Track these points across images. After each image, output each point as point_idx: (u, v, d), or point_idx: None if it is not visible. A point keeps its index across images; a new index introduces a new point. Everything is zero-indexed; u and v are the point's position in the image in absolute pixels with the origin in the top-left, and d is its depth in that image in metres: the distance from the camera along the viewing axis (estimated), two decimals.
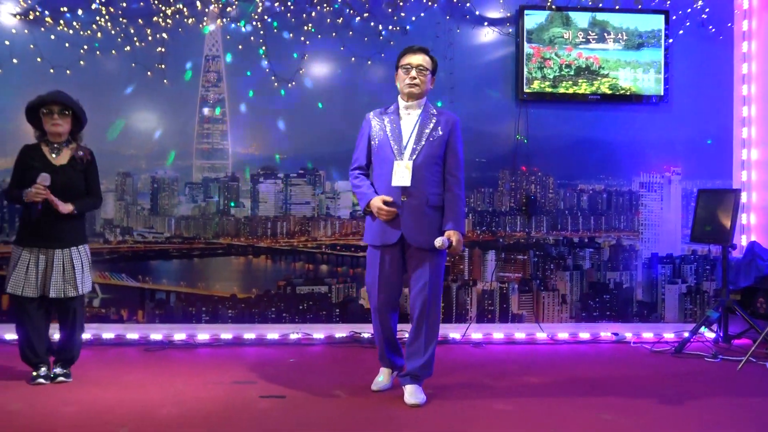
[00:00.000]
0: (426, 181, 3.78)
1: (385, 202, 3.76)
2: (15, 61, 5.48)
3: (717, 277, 5.85)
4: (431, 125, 3.84)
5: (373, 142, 3.90)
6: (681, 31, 5.89)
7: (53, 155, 4.18)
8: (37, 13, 5.49)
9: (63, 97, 4.15)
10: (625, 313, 5.90)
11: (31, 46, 5.49)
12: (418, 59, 3.85)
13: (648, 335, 5.68)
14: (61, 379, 4.17)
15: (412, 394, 3.80)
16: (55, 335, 4.35)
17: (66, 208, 4.05)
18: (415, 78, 3.82)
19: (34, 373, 4.16)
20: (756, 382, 4.36)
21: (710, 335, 5.49)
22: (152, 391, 4.03)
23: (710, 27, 5.90)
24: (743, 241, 5.88)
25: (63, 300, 4.14)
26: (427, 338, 3.85)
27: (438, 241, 3.69)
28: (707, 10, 5.87)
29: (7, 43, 5.47)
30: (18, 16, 5.50)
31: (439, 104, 5.58)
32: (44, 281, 4.08)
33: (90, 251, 4.35)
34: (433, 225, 3.80)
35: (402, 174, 3.75)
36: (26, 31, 5.51)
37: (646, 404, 3.84)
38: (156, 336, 5.42)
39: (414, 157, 3.78)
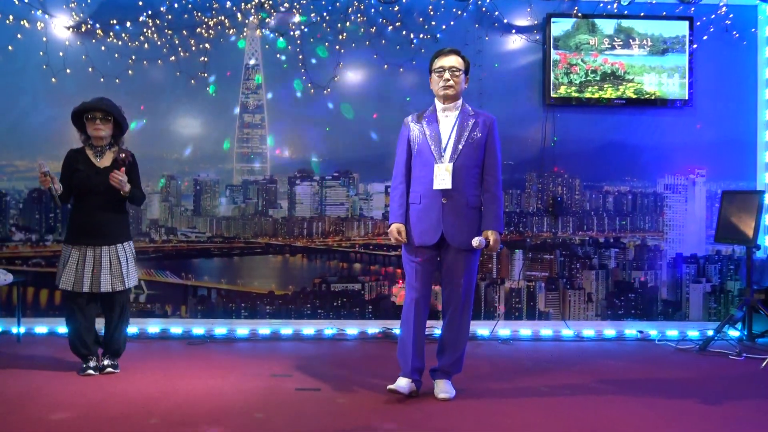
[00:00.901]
0: (465, 182, 3.72)
1: (399, 232, 3.75)
2: (68, 71, 5.58)
3: (741, 276, 5.72)
4: (470, 127, 3.77)
5: (413, 146, 3.82)
6: (705, 37, 5.77)
7: (97, 158, 4.25)
8: (89, 26, 5.58)
9: (105, 104, 4.22)
10: (650, 312, 5.80)
11: (83, 56, 5.58)
12: (451, 61, 3.78)
13: (673, 333, 5.58)
14: (109, 370, 4.25)
15: (442, 388, 3.78)
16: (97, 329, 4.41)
17: (125, 186, 4.11)
18: (449, 80, 3.75)
19: (84, 365, 4.24)
20: None
21: (734, 334, 5.37)
22: (194, 383, 4.06)
23: (734, 32, 5.78)
24: (767, 242, 5.73)
25: (111, 294, 4.21)
26: (460, 335, 3.82)
27: (475, 241, 3.64)
28: (731, 16, 5.75)
29: (61, 54, 5.56)
30: (71, 29, 5.60)
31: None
32: (92, 277, 4.14)
33: (135, 248, 4.41)
34: (473, 225, 3.75)
35: (443, 177, 3.69)
36: (78, 42, 5.60)
37: (671, 401, 3.76)
38: (198, 330, 5.47)
39: (454, 159, 3.71)
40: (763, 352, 4.81)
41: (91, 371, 4.20)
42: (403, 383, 3.75)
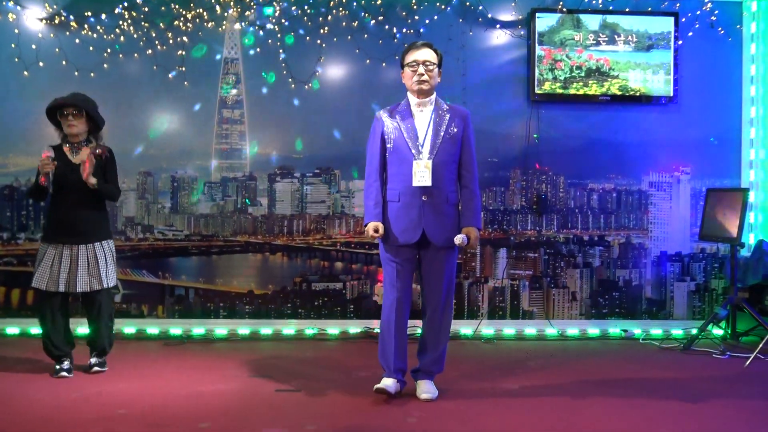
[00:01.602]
0: (445, 179, 3.71)
1: (376, 230, 3.71)
2: (41, 64, 5.52)
3: (725, 274, 5.79)
4: (446, 122, 3.75)
5: (387, 142, 3.78)
6: (690, 33, 5.83)
7: (73, 154, 4.23)
8: (62, 18, 5.53)
9: (77, 99, 4.20)
10: (634, 311, 5.86)
11: (57, 49, 5.53)
12: (424, 54, 3.74)
13: (657, 332, 5.64)
14: (96, 369, 4.25)
15: (425, 389, 3.78)
16: (77, 328, 4.38)
17: (91, 179, 4.08)
18: (423, 74, 3.71)
19: (57, 366, 4.21)
20: (764, 378, 4.31)
21: (718, 332, 5.44)
22: (171, 384, 4.05)
23: (719, 29, 5.84)
24: (751, 240, 5.81)
25: (89, 294, 4.20)
26: (441, 334, 3.82)
27: (458, 239, 3.65)
28: (716, 12, 5.81)
29: (33, 47, 5.51)
30: (44, 21, 5.54)
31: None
32: (69, 277, 4.13)
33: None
34: (453, 222, 3.75)
35: (422, 173, 3.67)
36: (52, 35, 5.55)
37: (655, 400, 3.81)
38: (175, 331, 5.45)
39: (433, 155, 3.70)
40: (747, 351, 4.88)
41: (64, 373, 4.16)
42: (389, 382, 3.75)
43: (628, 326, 5.73)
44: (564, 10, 5.70)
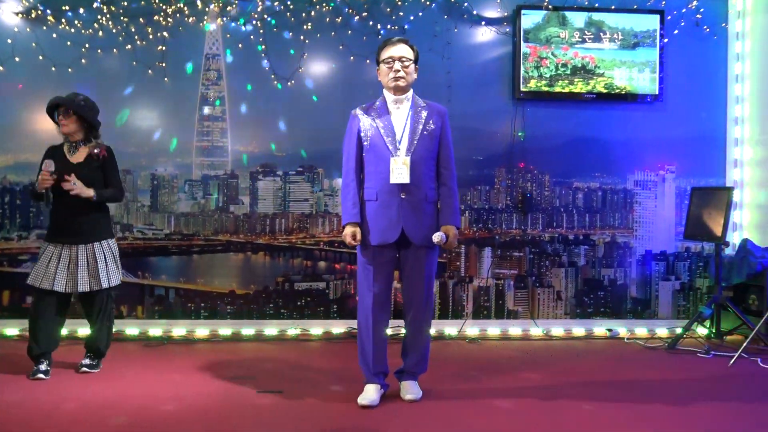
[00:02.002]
0: (423, 176, 3.68)
1: (353, 236, 3.68)
2: (17, 59, 5.47)
3: (710, 273, 5.84)
4: (423, 118, 3.72)
5: (364, 140, 3.74)
6: (676, 31, 5.87)
7: (70, 154, 4.24)
8: (39, 12, 5.47)
9: (64, 99, 4.18)
10: (619, 310, 5.90)
11: (33, 44, 5.47)
12: (400, 50, 3.70)
13: (641, 331, 5.67)
14: (84, 369, 4.24)
15: (409, 389, 3.78)
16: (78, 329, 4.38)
17: (86, 192, 4.09)
18: (399, 71, 3.68)
19: (35, 367, 4.17)
20: (747, 377, 4.35)
21: (703, 331, 5.49)
22: (151, 386, 4.02)
23: (705, 27, 5.88)
24: (735, 239, 5.86)
25: (88, 294, 4.21)
26: (424, 334, 3.82)
27: (436, 237, 3.62)
28: (702, 10, 5.86)
29: (9, 41, 5.45)
30: (20, 15, 5.48)
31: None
32: (69, 277, 4.14)
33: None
34: (432, 220, 3.73)
35: (400, 171, 3.64)
36: (28, 29, 5.49)
37: (639, 399, 3.83)
38: (155, 331, 5.40)
39: (411, 152, 3.67)
40: (731, 350, 4.92)
41: (41, 375, 4.11)
42: (371, 393, 3.70)
43: (613, 325, 5.75)
44: (550, 7, 5.72)
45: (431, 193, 3.73)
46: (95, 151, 4.22)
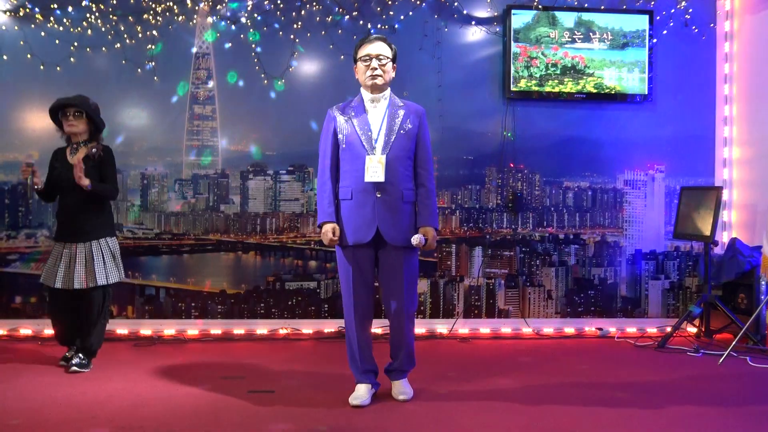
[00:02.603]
0: (399, 175, 3.64)
1: (333, 232, 3.65)
2: (5, 57, 5.44)
3: (699, 273, 5.87)
4: (400, 117, 3.69)
5: (340, 138, 3.71)
6: (665, 32, 5.90)
7: (72, 154, 4.36)
8: (27, 10, 5.43)
9: (77, 101, 4.32)
10: (609, 309, 5.92)
11: (21, 42, 5.44)
12: (378, 48, 3.67)
13: (632, 330, 5.70)
14: (74, 369, 4.25)
15: (400, 389, 3.77)
16: None
17: (84, 180, 4.15)
18: (376, 69, 3.65)
19: (63, 356, 4.45)
20: (736, 376, 4.38)
21: (692, 330, 5.51)
22: (141, 386, 4.00)
23: (693, 27, 5.92)
24: (725, 238, 5.90)
25: (85, 291, 4.28)
26: (408, 332, 3.78)
27: (415, 239, 3.59)
28: (690, 10, 5.89)
29: None
30: (8, 13, 5.44)
31: (427, 103, 5.57)
32: (67, 273, 4.26)
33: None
34: (409, 221, 3.69)
35: (375, 169, 3.60)
36: (16, 27, 5.45)
37: (629, 398, 3.84)
38: (145, 331, 5.39)
39: (386, 151, 3.63)
40: (720, 349, 4.95)
41: (63, 363, 4.37)
42: (362, 393, 3.69)
43: (604, 324, 5.78)
44: (539, 7, 5.74)
45: (408, 192, 3.69)
46: (93, 150, 4.32)
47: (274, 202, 5.76)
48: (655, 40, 5.85)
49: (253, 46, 5.62)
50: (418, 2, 5.70)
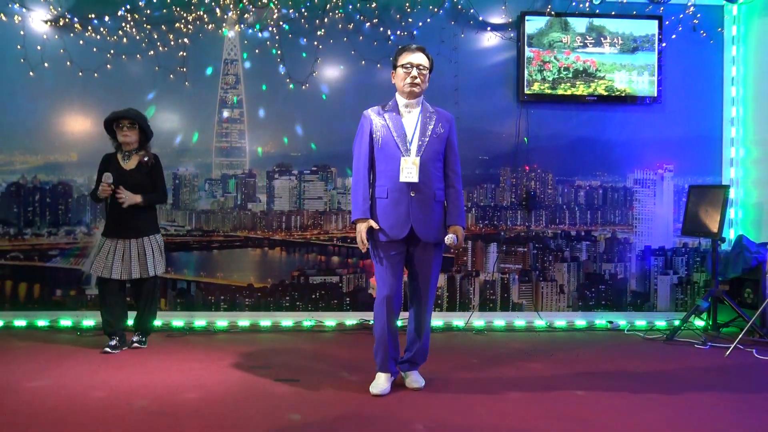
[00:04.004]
0: (432, 176, 3.70)
1: (368, 231, 3.67)
2: (46, 65, 5.50)
3: (707, 268, 5.82)
4: (433, 122, 3.74)
5: (375, 140, 3.74)
6: (674, 36, 5.85)
7: (124, 161, 4.68)
8: (67, 20, 5.50)
9: (131, 113, 4.63)
10: (619, 303, 5.88)
11: (61, 50, 5.51)
12: (419, 58, 3.70)
13: (641, 323, 5.67)
14: (135, 345, 4.68)
15: (414, 379, 3.80)
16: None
17: (134, 198, 4.58)
18: (416, 77, 3.68)
19: (107, 343, 4.61)
20: (743, 368, 4.34)
21: (700, 324, 5.47)
22: (174, 375, 4.05)
23: (701, 32, 5.86)
24: (731, 235, 5.84)
25: (138, 281, 4.67)
26: (427, 326, 3.83)
27: (448, 239, 3.64)
28: (699, 15, 5.83)
29: (38, 48, 5.49)
30: (49, 23, 5.52)
31: (441, 107, 5.57)
32: (122, 266, 4.59)
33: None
34: (439, 219, 3.74)
35: (410, 170, 3.65)
36: (56, 36, 5.53)
37: (639, 389, 3.83)
38: (178, 323, 5.44)
39: (420, 153, 3.68)
40: (727, 341, 4.91)
41: (108, 349, 4.55)
42: (382, 382, 3.72)
43: (614, 318, 5.75)
44: (552, 13, 5.71)
45: (439, 192, 3.74)
46: (145, 159, 4.68)
47: (299, 201, 5.79)
48: (664, 44, 5.81)
49: (279, 52, 5.65)
50: (435, 9, 5.69)
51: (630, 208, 5.92)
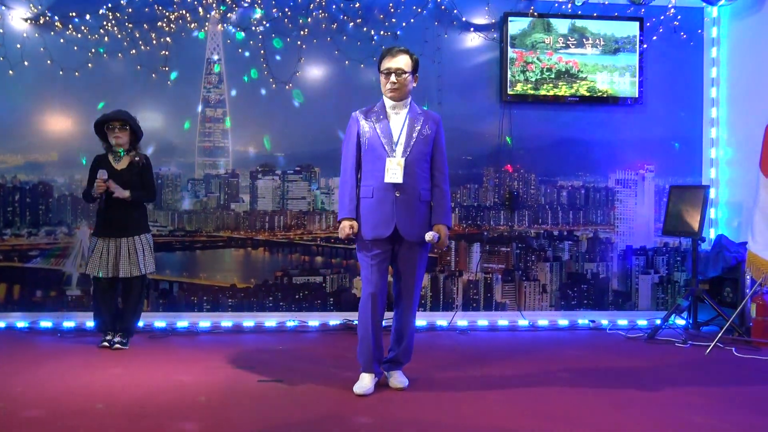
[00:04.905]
0: (417, 177, 3.71)
1: (351, 227, 3.71)
2: (26, 63, 5.43)
3: (687, 267, 5.87)
4: (420, 123, 3.76)
5: (362, 141, 3.77)
6: (654, 37, 5.89)
7: (115, 162, 4.73)
8: (47, 18, 5.43)
9: (122, 115, 4.66)
10: (601, 302, 5.92)
11: (42, 49, 5.44)
12: (397, 62, 3.71)
13: (623, 322, 5.70)
14: (117, 346, 4.63)
15: (398, 379, 3.80)
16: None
17: (123, 193, 4.60)
18: (395, 83, 3.70)
19: (102, 338, 4.68)
20: (722, 366, 4.38)
21: (680, 322, 5.51)
22: (156, 376, 4.01)
23: (682, 33, 5.90)
24: (711, 235, 5.89)
25: (128, 279, 4.69)
26: (411, 325, 3.83)
27: (429, 235, 3.66)
28: (679, 17, 5.88)
29: (18, 46, 5.41)
30: (29, 21, 5.44)
31: (426, 107, 5.58)
32: (114, 264, 4.63)
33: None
34: (424, 219, 3.76)
35: (395, 171, 3.67)
36: (37, 34, 5.45)
37: (621, 387, 3.85)
38: (160, 324, 5.40)
39: (406, 154, 3.70)
40: (707, 340, 4.95)
41: (105, 343, 4.63)
42: (366, 382, 3.72)
43: (596, 317, 5.78)
44: (535, 14, 5.73)
45: (424, 193, 3.76)
46: (136, 159, 4.73)
47: (282, 201, 5.76)
48: (645, 46, 5.84)
49: (262, 51, 5.62)
50: (419, 10, 5.69)
51: (612, 208, 5.95)
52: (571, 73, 5.79)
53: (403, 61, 3.72)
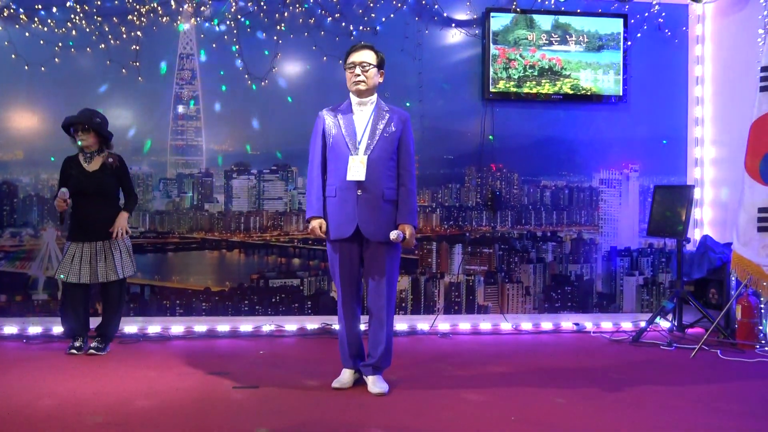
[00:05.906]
0: (381, 175, 3.74)
1: (319, 226, 3.79)
2: None
3: (672, 269, 5.93)
4: (384, 121, 3.80)
5: (327, 139, 3.82)
6: (639, 35, 5.95)
7: (86, 163, 4.66)
8: (12, 11, 5.36)
9: (82, 118, 4.59)
10: (585, 304, 5.96)
11: (6, 42, 5.36)
12: (362, 56, 3.79)
13: (607, 325, 5.74)
14: (92, 351, 4.57)
15: (377, 384, 3.79)
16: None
17: (124, 224, 4.65)
18: (359, 75, 3.76)
19: (70, 344, 4.63)
20: (708, 368, 4.43)
21: (665, 325, 5.57)
22: (127, 383, 3.96)
23: (666, 31, 5.97)
24: (696, 235, 5.96)
25: (106, 284, 4.65)
26: (387, 329, 3.84)
27: (393, 234, 3.69)
28: (663, 14, 5.94)
29: None
30: None
31: (408, 104, 5.59)
32: (90, 270, 4.58)
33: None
34: (388, 218, 3.77)
35: (357, 168, 3.71)
36: (1, 28, 5.38)
37: (605, 391, 3.87)
38: (131, 329, 5.34)
39: (369, 152, 3.73)
40: (692, 342, 5.00)
41: (74, 350, 4.57)
42: (346, 378, 3.85)
43: (580, 319, 5.82)
44: (518, 10, 5.76)
45: (389, 191, 3.78)
46: (109, 160, 4.67)
47: (258, 201, 5.74)
48: (629, 43, 5.90)
49: (237, 47, 5.59)
50: (399, 5, 5.69)
51: (596, 208, 6.00)
52: (554, 71, 5.82)
53: (368, 55, 3.81)
